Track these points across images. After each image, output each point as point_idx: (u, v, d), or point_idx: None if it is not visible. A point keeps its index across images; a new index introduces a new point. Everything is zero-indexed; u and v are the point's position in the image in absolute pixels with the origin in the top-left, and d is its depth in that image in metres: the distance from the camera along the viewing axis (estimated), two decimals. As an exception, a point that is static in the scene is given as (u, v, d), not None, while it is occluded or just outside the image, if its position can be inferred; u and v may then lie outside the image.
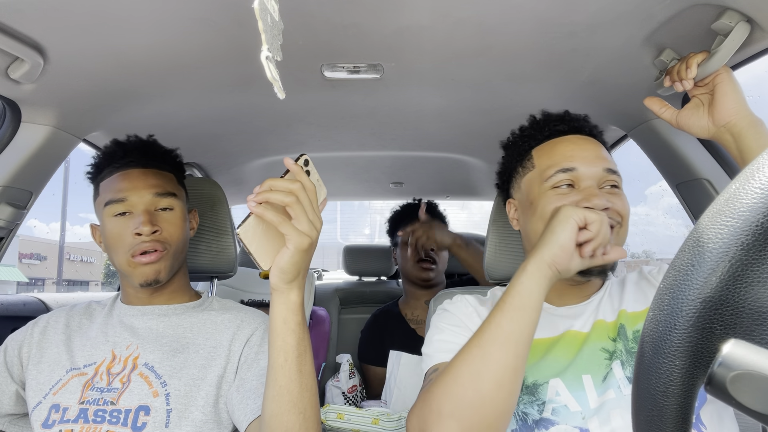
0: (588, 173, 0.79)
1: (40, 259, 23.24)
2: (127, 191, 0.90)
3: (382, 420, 1.26)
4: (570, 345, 0.79)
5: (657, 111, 0.87)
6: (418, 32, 0.88)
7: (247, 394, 0.81)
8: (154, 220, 0.90)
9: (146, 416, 0.80)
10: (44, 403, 0.83)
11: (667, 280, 0.30)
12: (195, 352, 0.87)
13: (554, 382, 0.76)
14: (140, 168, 0.94)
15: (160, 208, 0.92)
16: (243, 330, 0.90)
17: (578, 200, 0.77)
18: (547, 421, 0.73)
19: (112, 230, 0.90)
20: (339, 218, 3.97)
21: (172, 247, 0.92)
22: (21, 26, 0.81)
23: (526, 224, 0.86)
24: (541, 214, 0.80)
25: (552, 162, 0.82)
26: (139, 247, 0.88)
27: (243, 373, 0.85)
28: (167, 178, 0.97)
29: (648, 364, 0.30)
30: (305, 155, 0.68)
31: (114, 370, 0.85)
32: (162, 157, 0.99)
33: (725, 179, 1.09)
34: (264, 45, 0.51)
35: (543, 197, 0.80)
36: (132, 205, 0.90)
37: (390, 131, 1.46)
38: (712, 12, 0.77)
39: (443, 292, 1.06)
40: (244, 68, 1.01)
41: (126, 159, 0.94)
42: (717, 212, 0.28)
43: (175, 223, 0.93)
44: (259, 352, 0.87)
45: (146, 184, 0.92)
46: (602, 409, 0.72)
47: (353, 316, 2.16)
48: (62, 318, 0.95)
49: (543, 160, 0.84)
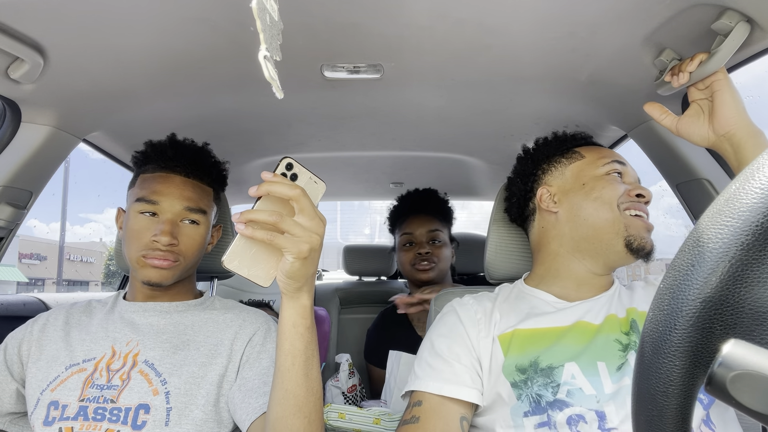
0: (632, 174, 0.93)
1: (40, 259, 23.24)
2: (161, 195, 0.91)
3: (384, 420, 1.26)
4: (582, 334, 0.81)
5: (657, 117, 0.88)
6: (417, 32, 0.88)
7: (249, 393, 0.81)
8: (176, 232, 0.90)
9: (146, 414, 0.80)
10: (43, 400, 0.83)
11: (667, 280, 0.30)
12: (196, 350, 0.87)
13: (570, 366, 0.77)
14: (182, 176, 0.94)
15: (186, 220, 0.93)
16: (245, 329, 0.90)
17: (629, 188, 0.88)
18: (562, 403, 0.74)
19: (134, 225, 0.90)
20: (339, 218, 3.97)
21: (185, 260, 0.92)
22: (21, 26, 0.81)
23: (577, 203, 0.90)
24: (600, 192, 0.88)
25: (604, 155, 0.93)
26: (153, 252, 0.89)
27: (245, 372, 0.85)
28: (205, 192, 0.97)
29: (648, 364, 0.30)
30: (287, 158, 0.64)
31: (114, 366, 0.85)
32: (209, 169, 0.99)
33: (725, 179, 1.10)
34: (262, 44, 0.51)
35: (600, 180, 0.89)
36: (161, 210, 0.91)
37: (390, 131, 1.46)
38: (712, 12, 0.77)
39: (445, 291, 1.06)
40: (244, 68, 1.01)
41: (173, 162, 0.95)
42: (717, 212, 0.28)
43: (194, 239, 0.93)
44: (261, 352, 0.87)
45: (182, 194, 0.92)
46: (619, 394, 0.73)
47: (353, 316, 2.16)
48: (62, 315, 0.95)
49: (593, 154, 0.94)
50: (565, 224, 0.90)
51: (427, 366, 0.83)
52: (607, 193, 0.87)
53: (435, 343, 0.85)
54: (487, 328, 0.85)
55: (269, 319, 0.96)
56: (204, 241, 0.96)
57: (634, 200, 0.86)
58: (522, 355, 0.79)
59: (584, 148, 0.96)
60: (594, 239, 0.86)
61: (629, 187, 0.88)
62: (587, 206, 0.88)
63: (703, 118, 0.82)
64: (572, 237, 0.89)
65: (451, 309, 0.90)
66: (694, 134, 0.83)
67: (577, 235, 0.88)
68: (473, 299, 0.91)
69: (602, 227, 0.86)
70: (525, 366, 0.78)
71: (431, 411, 0.78)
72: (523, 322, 0.84)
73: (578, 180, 0.92)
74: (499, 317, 0.86)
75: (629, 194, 0.86)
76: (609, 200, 0.86)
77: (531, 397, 0.76)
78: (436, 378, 0.80)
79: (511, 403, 0.77)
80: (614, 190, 0.87)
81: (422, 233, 1.69)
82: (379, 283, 2.28)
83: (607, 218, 0.86)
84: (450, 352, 0.82)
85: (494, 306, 0.89)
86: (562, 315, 0.84)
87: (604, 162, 0.91)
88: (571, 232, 0.89)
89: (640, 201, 0.87)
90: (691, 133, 0.84)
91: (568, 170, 0.94)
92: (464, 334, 0.84)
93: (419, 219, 1.72)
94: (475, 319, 0.86)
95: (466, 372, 0.80)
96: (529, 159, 1.01)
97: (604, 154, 0.93)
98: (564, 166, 0.95)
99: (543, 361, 0.78)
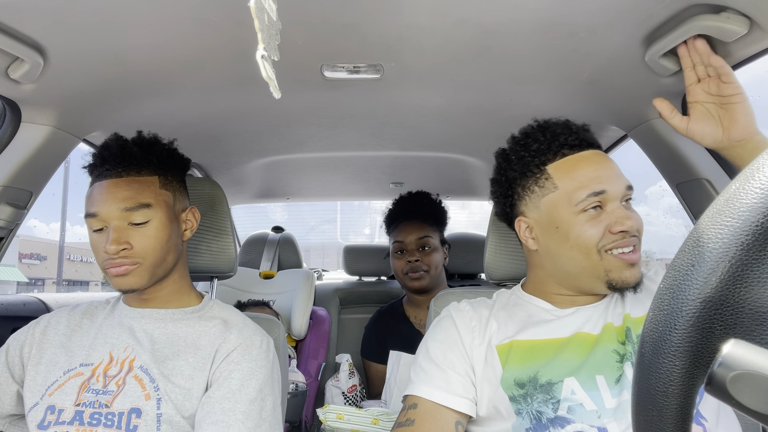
0: (615, 194, 0.80)
1: (40, 259, 23.22)
2: (98, 206, 0.86)
3: (382, 420, 1.26)
4: (581, 346, 0.79)
5: (667, 115, 0.86)
6: (418, 32, 0.88)
7: (204, 416, 0.79)
8: (123, 237, 0.85)
9: (137, 419, 0.79)
10: (41, 404, 0.83)
11: (667, 280, 0.30)
12: (184, 361, 0.85)
13: (569, 381, 0.76)
14: (113, 178, 0.88)
15: (133, 223, 0.86)
16: (226, 345, 0.87)
17: (610, 224, 0.78)
18: (563, 420, 0.74)
19: (91, 242, 0.88)
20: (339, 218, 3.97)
21: (146, 260, 0.87)
22: (21, 26, 0.81)
23: (553, 248, 0.84)
24: (576, 241, 0.80)
25: (579, 184, 0.81)
26: (108, 263, 0.85)
27: (213, 389, 0.82)
28: (144, 184, 0.89)
29: (648, 364, 0.30)
30: None
31: (111, 372, 0.84)
32: (141, 159, 0.90)
33: (725, 179, 1.09)
34: (260, 44, 0.51)
35: (575, 223, 0.80)
36: (104, 221, 0.86)
37: (390, 131, 1.46)
38: (712, 12, 0.77)
39: (445, 292, 1.06)
40: (244, 68, 1.01)
41: (101, 167, 0.89)
42: (717, 212, 0.28)
43: (150, 236, 0.87)
44: (233, 371, 0.83)
45: (115, 197, 0.86)
46: (620, 409, 0.73)
47: (353, 316, 2.16)
48: (63, 318, 0.95)
49: (567, 182, 0.82)
50: (546, 261, 0.87)
51: (421, 371, 0.83)
52: (584, 240, 0.79)
53: (430, 349, 0.85)
54: (481, 336, 0.85)
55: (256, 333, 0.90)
56: (165, 233, 0.89)
57: (617, 238, 0.78)
58: (520, 369, 0.79)
59: (558, 169, 0.84)
60: (575, 280, 0.83)
61: (611, 222, 0.78)
62: (564, 253, 0.82)
63: (716, 123, 0.81)
64: (554, 273, 0.86)
65: (447, 314, 0.90)
66: (708, 136, 0.82)
67: (559, 273, 0.85)
68: (470, 305, 0.90)
69: (581, 273, 0.81)
70: (524, 381, 0.78)
71: (426, 414, 0.78)
72: (521, 333, 0.83)
73: (552, 221, 0.83)
74: (496, 326, 0.85)
75: (611, 232, 0.78)
76: (586, 247, 0.79)
77: (531, 414, 0.76)
78: (429, 383, 0.80)
79: (511, 420, 0.76)
80: (591, 236, 0.79)
81: (412, 241, 1.71)
82: (379, 283, 2.28)
83: (585, 266, 0.80)
84: (445, 359, 0.82)
85: (491, 313, 0.88)
86: (560, 325, 0.83)
87: (579, 198, 0.80)
88: (553, 270, 0.86)
89: (625, 237, 0.78)
90: (705, 135, 0.82)
91: (542, 204, 0.85)
92: (459, 341, 0.84)
93: (410, 226, 1.73)
94: (470, 326, 0.86)
95: (459, 381, 0.80)
96: (504, 179, 0.92)
97: (580, 183, 0.81)
98: (538, 197, 0.85)
99: (542, 377, 0.77)
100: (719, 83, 0.80)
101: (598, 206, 0.80)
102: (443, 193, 2.28)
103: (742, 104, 0.78)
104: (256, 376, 0.84)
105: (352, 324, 2.12)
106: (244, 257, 2.14)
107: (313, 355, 1.79)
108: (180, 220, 0.96)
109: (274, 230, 2.26)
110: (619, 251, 0.78)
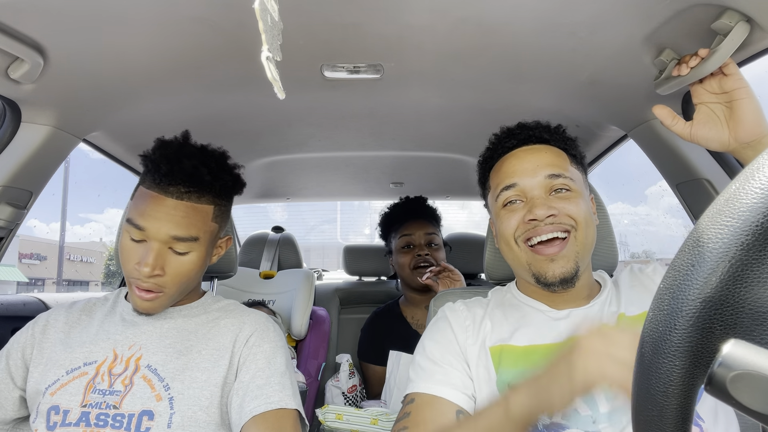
0: (530, 184, 0.82)
1: (40, 259, 23.22)
2: (149, 220, 0.82)
3: (381, 420, 1.26)
4: None
5: (669, 123, 0.82)
6: (418, 32, 0.88)
7: (244, 397, 0.82)
8: (161, 263, 0.83)
9: (150, 421, 0.79)
10: (42, 404, 0.82)
11: (667, 280, 0.30)
12: (198, 354, 0.87)
13: None
14: (173, 198, 0.83)
15: (174, 250, 0.84)
16: (243, 332, 0.90)
17: (524, 214, 0.80)
18: (558, 426, 0.73)
19: (123, 247, 0.86)
20: (339, 218, 3.98)
21: (173, 288, 0.86)
22: (21, 26, 0.81)
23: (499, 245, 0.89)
24: (501, 234, 0.85)
25: (498, 181, 0.86)
26: (136, 280, 0.84)
27: (242, 375, 0.86)
28: (199, 215, 0.86)
29: (648, 364, 0.30)
30: None
31: (116, 370, 0.84)
32: (206, 186, 0.86)
33: (725, 179, 1.09)
34: (264, 45, 0.51)
35: (498, 217, 0.85)
36: (148, 236, 0.82)
37: (390, 131, 1.46)
38: (712, 12, 0.77)
39: (444, 292, 1.06)
40: (244, 68, 1.01)
41: (167, 180, 0.83)
42: (717, 212, 0.28)
43: (185, 265, 0.85)
44: (257, 353, 0.87)
45: (169, 221, 0.82)
46: (614, 414, 0.72)
47: (353, 316, 2.16)
48: (61, 315, 0.94)
49: (494, 180, 0.89)
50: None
51: (420, 369, 0.83)
52: (503, 231, 0.84)
53: (427, 348, 0.85)
54: (474, 335, 0.85)
55: (267, 319, 0.95)
56: (197, 266, 0.88)
57: (528, 227, 0.79)
58: (514, 372, 0.78)
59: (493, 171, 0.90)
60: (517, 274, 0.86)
61: (525, 212, 0.80)
62: (501, 248, 0.88)
63: (721, 125, 0.77)
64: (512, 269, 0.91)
65: (443, 315, 0.90)
66: (713, 140, 0.78)
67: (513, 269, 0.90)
68: (464, 305, 0.91)
69: (515, 267, 0.86)
70: None
71: (423, 404, 0.78)
72: (515, 336, 0.82)
73: (494, 219, 0.89)
74: (490, 326, 0.85)
75: (524, 221, 0.80)
76: (506, 239, 0.83)
77: None
78: (428, 380, 0.80)
79: None
80: (508, 227, 0.82)
81: (420, 236, 1.74)
82: (379, 283, 2.28)
83: (512, 258, 0.85)
84: (442, 358, 0.83)
85: (485, 313, 0.88)
86: (555, 327, 0.82)
87: (497, 193, 0.85)
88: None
89: (537, 225, 0.78)
90: (710, 139, 0.78)
91: (489, 204, 0.92)
92: (454, 341, 0.85)
93: (417, 223, 1.77)
94: (464, 326, 0.86)
95: (458, 376, 0.81)
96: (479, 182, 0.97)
97: (499, 179, 0.86)
98: (489, 198, 0.91)
99: None
100: (721, 78, 0.77)
101: (519, 200, 0.83)
102: (443, 193, 2.28)
103: (747, 100, 0.74)
104: (280, 354, 0.89)
105: (352, 324, 2.12)
106: (244, 257, 2.14)
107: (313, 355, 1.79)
108: (215, 246, 0.94)
109: (274, 230, 2.26)
110: (536, 240, 0.79)
